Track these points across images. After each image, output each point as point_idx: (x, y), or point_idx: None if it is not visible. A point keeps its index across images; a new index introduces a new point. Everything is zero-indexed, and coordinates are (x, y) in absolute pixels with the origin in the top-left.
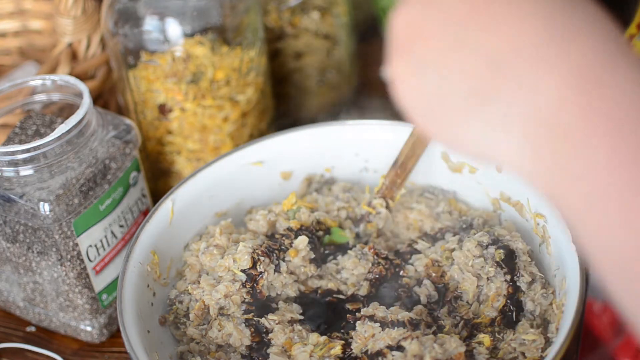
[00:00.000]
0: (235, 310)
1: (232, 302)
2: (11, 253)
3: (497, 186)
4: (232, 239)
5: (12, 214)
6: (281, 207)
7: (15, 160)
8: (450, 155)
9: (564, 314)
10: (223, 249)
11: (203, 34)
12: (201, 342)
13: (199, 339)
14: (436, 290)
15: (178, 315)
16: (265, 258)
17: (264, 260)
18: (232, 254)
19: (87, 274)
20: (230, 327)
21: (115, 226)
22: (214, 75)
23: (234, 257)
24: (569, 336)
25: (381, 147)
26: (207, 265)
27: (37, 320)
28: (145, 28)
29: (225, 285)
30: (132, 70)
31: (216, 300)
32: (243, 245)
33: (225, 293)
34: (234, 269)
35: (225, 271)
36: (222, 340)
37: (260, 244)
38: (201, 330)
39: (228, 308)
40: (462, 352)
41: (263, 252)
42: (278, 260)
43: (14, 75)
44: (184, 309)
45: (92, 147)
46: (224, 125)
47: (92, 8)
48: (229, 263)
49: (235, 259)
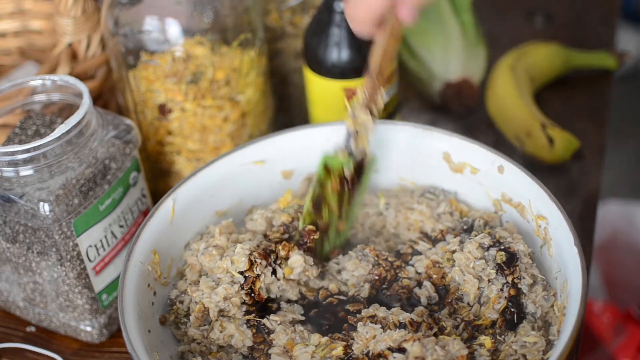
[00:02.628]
0: (236, 312)
1: (232, 305)
2: (11, 253)
3: (498, 187)
4: (231, 239)
5: (12, 214)
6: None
7: (15, 161)
8: (451, 156)
9: (566, 316)
10: (222, 249)
11: (203, 34)
12: (202, 343)
13: (200, 340)
14: (437, 292)
15: (179, 315)
16: (263, 260)
17: (260, 263)
18: (230, 256)
19: (87, 274)
20: (232, 328)
21: (115, 226)
22: (214, 75)
23: (231, 259)
24: (571, 339)
25: (381, 146)
26: (207, 266)
27: (37, 320)
28: (145, 28)
29: (225, 287)
30: (132, 70)
31: (215, 303)
32: (240, 247)
33: (225, 295)
34: (232, 270)
35: (224, 273)
36: (224, 341)
37: (257, 244)
38: (202, 331)
39: (228, 310)
40: (465, 355)
41: (260, 254)
42: (275, 265)
43: (14, 75)
44: (184, 309)
45: (92, 147)
46: (224, 125)
47: (92, 8)
48: (227, 265)
49: (233, 260)
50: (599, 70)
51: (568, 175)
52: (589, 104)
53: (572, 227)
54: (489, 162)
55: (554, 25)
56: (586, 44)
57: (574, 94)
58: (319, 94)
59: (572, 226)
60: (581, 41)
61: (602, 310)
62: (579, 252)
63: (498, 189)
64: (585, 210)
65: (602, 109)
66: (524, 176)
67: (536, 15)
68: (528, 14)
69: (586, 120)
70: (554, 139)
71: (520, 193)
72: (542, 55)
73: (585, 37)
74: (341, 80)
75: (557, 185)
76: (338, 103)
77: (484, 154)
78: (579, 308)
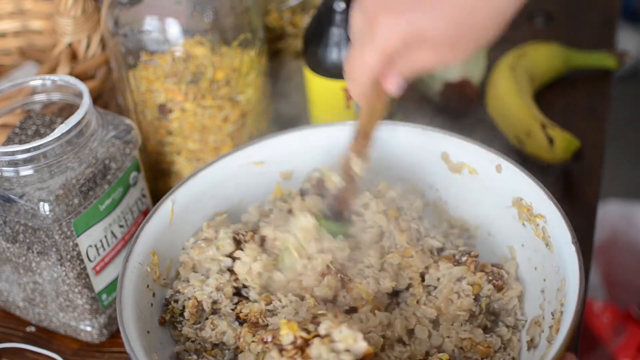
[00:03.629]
0: (228, 304)
1: (225, 295)
2: (11, 253)
3: (498, 187)
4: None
5: (12, 214)
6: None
7: (15, 160)
8: (450, 156)
9: (563, 314)
10: (211, 241)
11: (203, 34)
12: (197, 341)
13: (195, 338)
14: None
15: (174, 315)
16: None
17: (246, 240)
18: (215, 243)
19: (87, 274)
20: (223, 325)
21: (115, 226)
22: (214, 75)
23: (216, 245)
24: (568, 337)
25: (381, 146)
26: (196, 259)
27: (37, 320)
28: (145, 28)
29: (215, 278)
30: (132, 70)
31: (208, 295)
32: (223, 231)
33: (216, 286)
34: (219, 256)
35: (212, 262)
36: (216, 338)
37: (242, 226)
38: (195, 329)
39: (221, 302)
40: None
41: (247, 231)
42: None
43: (14, 75)
44: (179, 308)
45: (92, 147)
46: (224, 126)
47: (92, 8)
48: (212, 252)
49: (218, 246)
50: (599, 70)
51: (568, 175)
52: (589, 104)
53: (570, 225)
54: (488, 162)
55: (554, 25)
56: (586, 44)
57: (574, 94)
58: (319, 94)
59: (569, 224)
60: (581, 41)
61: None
62: (577, 251)
63: (498, 189)
64: (585, 210)
65: (602, 109)
66: (522, 175)
67: (536, 15)
68: (528, 14)
69: (586, 120)
70: (554, 139)
71: (519, 192)
72: (542, 55)
73: (585, 37)
74: (341, 80)
75: (557, 185)
76: (338, 103)
77: (483, 154)
78: (577, 305)
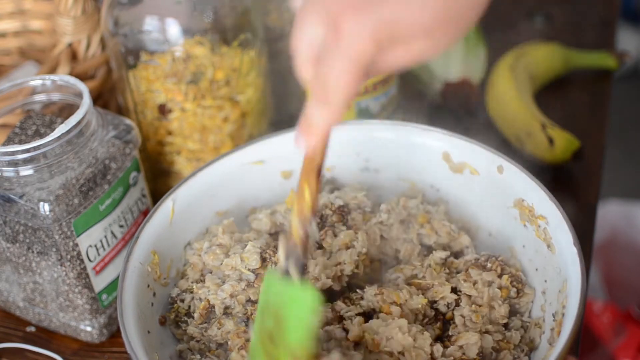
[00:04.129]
0: (240, 310)
1: (238, 302)
2: (11, 253)
3: (499, 188)
4: (234, 238)
5: (12, 214)
6: (285, 206)
7: (15, 160)
8: (451, 155)
9: (565, 316)
10: (226, 248)
11: (203, 34)
12: (201, 340)
13: (200, 337)
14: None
15: (179, 314)
16: (277, 259)
17: (274, 261)
18: (239, 253)
19: (87, 274)
20: (230, 325)
21: (115, 226)
22: (214, 75)
23: (241, 256)
24: (570, 339)
25: (382, 146)
26: (210, 265)
27: (37, 320)
28: (145, 28)
29: (231, 284)
30: (132, 70)
31: (222, 300)
32: (251, 245)
33: (231, 292)
34: (241, 268)
35: (232, 270)
36: (222, 337)
37: (266, 243)
38: (202, 329)
39: (233, 307)
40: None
41: (274, 251)
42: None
43: (14, 75)
44: (185, 308)
45: (92, 147)
46: (224, 126)
47: (92, 8)
48: (235, 262)
49: (243, 258)
50: (599, 70)
51: (568, 175)
52: (589, 104)
53: (572, 227)
54: (489, 162)
55: (554, 25)
56: (586, 44)
57: (574, 94)
58: None
59: (571, 226)
60: (581, 41)
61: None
62: (579, 252)
63: (498, 190)
64: (585, 210)
65: (602, 109)
66: (524, 176)
67: (536, 15)
68: (528, 14)
69: (586, 120)
70: (554, 139)
71: (520, 193)
72: (542, 55)
73: (585, 37)
74: None
75: (557, 185)
76: None
77: (483, 154)
78: (578, 308)
